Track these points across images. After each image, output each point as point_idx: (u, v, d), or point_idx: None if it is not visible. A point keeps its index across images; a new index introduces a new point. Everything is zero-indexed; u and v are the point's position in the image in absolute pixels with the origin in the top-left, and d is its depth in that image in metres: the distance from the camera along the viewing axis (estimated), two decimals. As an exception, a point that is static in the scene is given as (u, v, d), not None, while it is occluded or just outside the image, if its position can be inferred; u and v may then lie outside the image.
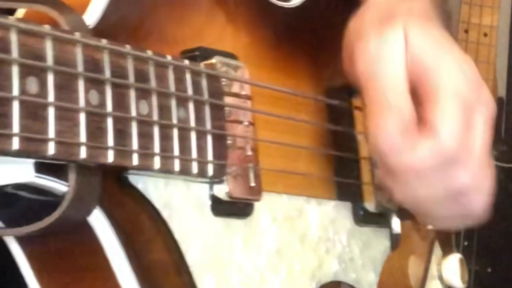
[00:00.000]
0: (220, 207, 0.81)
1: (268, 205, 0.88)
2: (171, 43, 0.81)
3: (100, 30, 0.73)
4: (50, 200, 0.68)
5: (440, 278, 1.28)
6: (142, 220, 0.74)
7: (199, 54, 0.82)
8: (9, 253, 0.74)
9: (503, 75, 2.32)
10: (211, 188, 0.80)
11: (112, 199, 0.71)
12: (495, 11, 2.18)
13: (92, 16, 0.74)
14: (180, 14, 0.83)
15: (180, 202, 0.77)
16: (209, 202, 0.80)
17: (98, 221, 0.71)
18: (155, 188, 0.74)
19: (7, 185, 0.67)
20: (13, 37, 0.59)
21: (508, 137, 2.29)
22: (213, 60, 0.82)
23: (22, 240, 0.74)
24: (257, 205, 0.86)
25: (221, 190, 0.80)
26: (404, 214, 1.11)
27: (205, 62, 0.82)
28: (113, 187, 0.71)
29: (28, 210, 0.70)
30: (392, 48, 0.82)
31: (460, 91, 0.81)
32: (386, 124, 0.79)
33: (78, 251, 0.73)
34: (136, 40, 0.77)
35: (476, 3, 2.17)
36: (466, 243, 2.19)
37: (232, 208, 0.82)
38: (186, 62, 0.76)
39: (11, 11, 0.73)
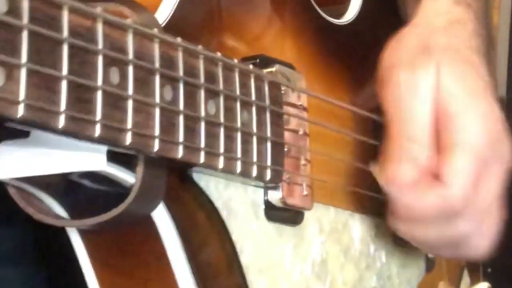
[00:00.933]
0: (273, 213, 0.82)
1: (317, 216, 0.89)
2: (232, 48, 0.83)
3: (170, 29, 0.75)
4: (115, 192, 0.69)
5: (468, 306, 1.29)
6: (200, 218, 0.75)
7: (259, 62, 0.83)
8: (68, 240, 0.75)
9: (503, 75, 2.31)
10: (265, 193, 0.82)
11: (174, 194, 0.73)
12: (495, 11, 2.18)
13: (163, 15, 0.75)
14: (241, 20, 0.84)
15: (238, 204, 0.78)
16: (263, 207, 0.81)
17: (161, 214, 0.72)
18: (215, 188, 0.76)
19: (72, 173, 0.68)
20: (99, 28, 0.61)
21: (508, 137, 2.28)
22: (274, 69, 0.83)
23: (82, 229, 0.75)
24: (307, 214, 0.87)
25: (275, 196, 0.82)
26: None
27: (266, 70, 0.83)
28: (175, 182, 0.73)
29: (93, 200, 0.72)
30: (421, 83, 0.83)
31: (478, 148, 0.82)
32: (400, 169, 0.82)
33: (137, 243, 0.74)
34: (204, 39, 0.78)
35: None
36: None
37: (284, 215, 0.83)
38: (251, 67, 0.78)
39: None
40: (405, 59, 0.85)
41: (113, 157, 0.67)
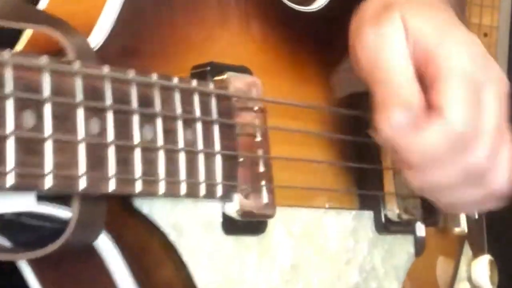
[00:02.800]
0: (232, 226, 0.80)
1: (284, 220, 0.87)
2: (180, 59, 0.80)
3: (106, 51, 0.72)
4: (55, 227, 0.68)
5: (469, 280, 1.26)
6: (150, 242, 0.74)
7: (210, 70, 0.81)
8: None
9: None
10: (223, 206, 0.79)
11: (119, 222, 0.71)
12: (495, 11, 2.13)
13: (98, 37, 0.73)
14: (187, 29, 0.82)
15: (189, 223, 0.76)
16: (220, 221, 0.79)
17: (104, 244, 0.71)
18: (161, 211, 0.74)
19: (8, 213, 0.67)
20: (8, 72, 0.59)
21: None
22: (225, 76, 0.80)
23: (32, 262, 0.74)
24: (271, 220, 0.84)
25: (232, 209, 0.79)
26: (431, 220, 1.10)
27: (216, 78, 0.80)
28: (119, 210, 0.71)
29: (34, 236, 0.70)
30: (391, 36, 0.81)
31: (465, 71, 0.79)
32: (394, 117, 0.78)
33: (85, 273, 0.73)
34: (143, 58, 0.76)
35: (476, 3, 2.13)
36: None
37: (245, 226, 0.81)
38: (194, 83, 0.75)
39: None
40: (369, 18, 0.83)
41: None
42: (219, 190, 0.76)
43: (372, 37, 0.81)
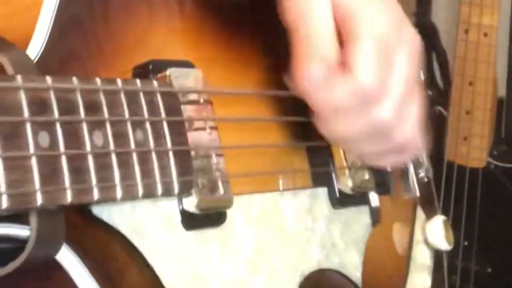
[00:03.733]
0: (191, 221, 0.80)
1: (241, 208, 0.87)
2: (120, 60, 0.79)
3: (46, 61, 0.71)
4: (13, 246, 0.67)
5: (426, 242, 1.28)
6: (113, 248, 0.73)
7: (151, 68, 0.80)
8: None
9: (503, 75, 2.31)
10: (180, 203, 0.79)
11: (79, 231, 0.70)
12: (495, 11, 2.16)
13: (36, 47, 0.71)
14: (124, 29, 0.81)
15: (150, 224, 0.76)
16: (179, 217, 0.79)
17: (66, 256, 0.70)
18: (121, 215, 0.73)
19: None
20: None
21: (508, 137, 2.29)
22: (167, 73, 0.80)
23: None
24: (230, 210, 0.84)
25: (191, 204, 0.79)
26: (383, 189, 1.11)
27: (159, 75, 0.80)
28: (78, 220, 0.70)
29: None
30: None
31: (378, 32, 0.82)
32: (310, 68, 0.81)
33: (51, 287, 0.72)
34: (84, 64, 0.75)
35: (476, 3, 2.14)
36: (466, 243, 2.19)
37: (204, 219, 0.81)
38: (138, 82, 0.74)
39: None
40: None
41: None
42: (176, 187, 0.75)
43: None
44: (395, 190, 1.16)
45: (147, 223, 0.75)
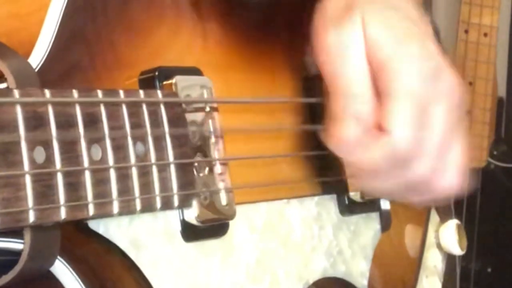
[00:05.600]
0: (192, 232, 0.79)
1: (245, 217, 0.86)
2: (129, 66, 0.78)
3: (48, 69, 0.70)
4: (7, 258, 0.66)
5: (438, 246, 1.26)
6: (109, 260, 0.72)
7: (158, 75, 0.79)
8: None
9: (503, 75, 2.29)
10: (181, 213, 0.78)
11: (74, 244, 0.70)
12: (495, 11, 2.13)
13: (39, 55, 0.70)
14: (136, 34, 0.80)
15: (148, 236, 0.75)
16: (179, 229, 0.78)
17: (60, 268, 0.69)
18: (118, 228, 0.72)
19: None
20: None
21: (508, 137, 2.27)
22: (173, 80, 0.79)
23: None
24: (233, 220, 0.83)
25: (192, 215, 0.78)
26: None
27: (165, 82, 0.78)
28: (73, 233, 0.69)
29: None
30: (349, 39, 0.81)
31: (413, 91, 0.79)
32: (345, 130, 0.81)
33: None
34: (88, 72, 0.74)
35: (476, 3, 2.12)
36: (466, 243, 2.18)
37: (205, 231, 0.80)
38: (141, 94, 0.73)
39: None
40: (331, 19, 0.81)
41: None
42: (176, 200, 0.74)
43: (333, 40, 0.81)
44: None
45: (145, 235, 0.75)
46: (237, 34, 0.90)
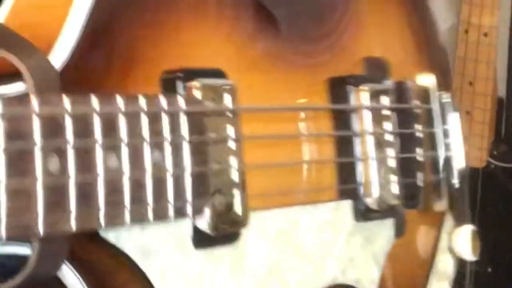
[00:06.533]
0: (202, 239, 0.77)
1: (258, 224, 0.84)
2: (153, 64, 0.76)
3: (71, 69, 0.68)
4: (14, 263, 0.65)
5: (451, 250, 1.24)
6: (117, 268, 0.71)
7: (181, 76, 0.77)
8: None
9: (503, 75, 2.25)
10: (193, 219, 0.77)
11: (83, 251, 0.68)
12: (495, 11, 2.10)
13: (62, 55, 0.69)
14: (163, 32, 0.77)
15: (159, 243, 0.74)
16: (191, 234, 0.76)
17: (68, 274, 0.68)
18: (129, 236, 0.71)
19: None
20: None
21: (508, 137, 2.24)
22: (195, 83, 0.77)
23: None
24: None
25: (204, 223, 0.76)
26: (411, 203, 1.07)
27: (187, 84, 0.77)
28: (83, 241, 0.68)
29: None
30: None
31: None
32: None
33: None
34: (113, 69, 0.72)
35: (476, 3, 2.08)
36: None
37: (216, 238, 0.78)
38: (161, 100, 0.71)
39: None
40: None
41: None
42: (189, 209, 0.73)
43: None
44: (424, 203, 1.13)
45: (156, 242, 0.73)
46: (267, 35, 0.88)
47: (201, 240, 0.77)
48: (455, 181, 1.21)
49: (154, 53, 0.77)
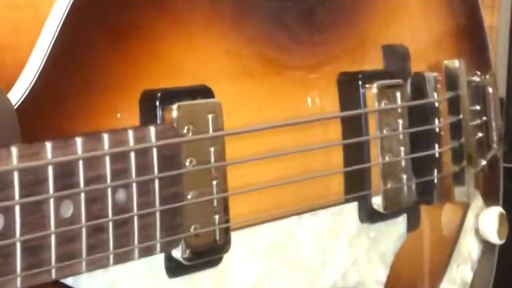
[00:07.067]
0: (177, 268, 0.74)
1: (245, 241, 0.81)
2: (134, 82, 0.72)
3: (32, 100, 0.65)
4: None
5: (476, 232, 1.19)
6: None
7: (160, 98, 0.72)
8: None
9: (503, 75, 2.12)
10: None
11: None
12: (495, 11, 1.97)
13: (20, 90, 0.65)
14: (146, 47, 0.73)
15: (127, 279, 0.71)
16: (163, 264, 0.73)
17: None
18: (90, 279, 0.68)
19: None
20: None
21: (508, 137, 2.13)
22: (174, 106, 0.72)
23: None
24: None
25: (178, 253, 0.73)
26: (425, 200, 1.03)
27: (167, 108, 0.72)
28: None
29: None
30: None
31: None
32: None
33: None
34: (85, 92, 0.68)
35: None
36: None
37: (193, 266, 0.75)
38: (130, 134, 0.67)
39: None
40: None
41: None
42: (158, 248, 0.70)
43: None
44: (443, 195, 1.07)
45: (124, 276, 0.70)
46: (257, 44, 0.82)
47: (175, 269, 0.74)
48: (485, 163, 1.15)
49: (134, 71, 0.72)
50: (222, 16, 0.79)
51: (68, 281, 0.67)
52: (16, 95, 0.64)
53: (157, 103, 0.72)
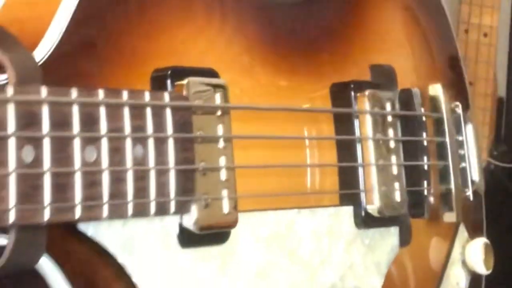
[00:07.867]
0: (189, 238, 0.77)
1: (250, 225, 0.84)
2: (144, 63, 0.76)
3: (57, 62, 0.69)
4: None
5: (463, 263, 1.22)
6: (98, 263, 0.71)
7: (170, 74, 0.77)
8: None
9: (503, 75, 2.23)
10: (180, 217, 0.76)
11: (62, 244, 0.69)
12: (495, 11, 2.09)
13: (44, 49, 0.69)
14: (155, 31, 0.78)
15: (141, 239, 0.73)
16: (176, 233, 0.76)
17: (47, 267, 0.68)
18: (109, 231, 0.71)
19: None
20: None
21: (508, 137, 2.21)
22: (184, 81, 0.77)
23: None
24: (237, 227, 0.81)
25: (189, 221, 0.76)
26: (416, 212, 1.06)
27: (177, 83, 0.77)
28: (62, 232, 0.68)
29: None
30: None
31: None
32: None
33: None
34: (99, 65, 0.72)
35: (476, 3, 2.08)
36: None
37: (204, 237, 0.78)
38: (146, 95, 0.71)
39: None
40: None
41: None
42: (172, 207, 0.73)
43: None
44: (433, 214, 1.11)
45: (138, 239, 0.73)
46: (262, 36, 0.88)
47: (187, 239, 0.77)
48: (470, 193, 1.19)
49: (145, 50, 0.77)
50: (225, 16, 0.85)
51: (89, 231, 0.70)
52: (43, 51, 0.68)
53: (168, 79, 0.77)
